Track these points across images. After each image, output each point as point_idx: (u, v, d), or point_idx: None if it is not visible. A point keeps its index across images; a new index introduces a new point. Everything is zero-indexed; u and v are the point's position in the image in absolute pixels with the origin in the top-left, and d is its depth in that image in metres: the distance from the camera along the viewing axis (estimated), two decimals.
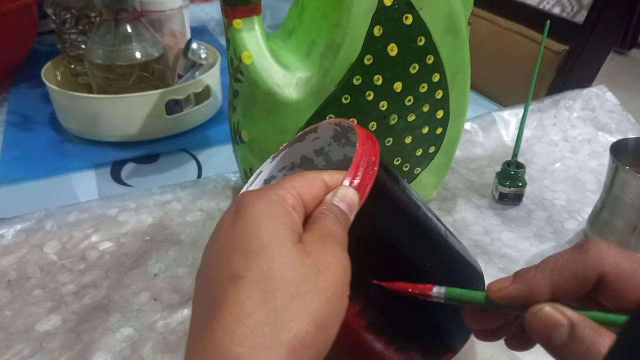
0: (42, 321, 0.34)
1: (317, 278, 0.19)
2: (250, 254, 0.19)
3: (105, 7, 0.52)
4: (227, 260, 0.20)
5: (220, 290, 0.19)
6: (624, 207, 0.39)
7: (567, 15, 1.23)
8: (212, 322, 0.18)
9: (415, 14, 0.34)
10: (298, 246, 0.20)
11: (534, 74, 0.43)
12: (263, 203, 0.21)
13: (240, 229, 0.20)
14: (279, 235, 0.20)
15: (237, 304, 0.18)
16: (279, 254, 0.19)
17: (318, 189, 0.23)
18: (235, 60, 0.34)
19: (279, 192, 0.21)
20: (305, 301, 0.18)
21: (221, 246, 0.21)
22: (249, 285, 0.18)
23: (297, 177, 0.23)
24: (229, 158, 0.45)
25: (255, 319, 0.18)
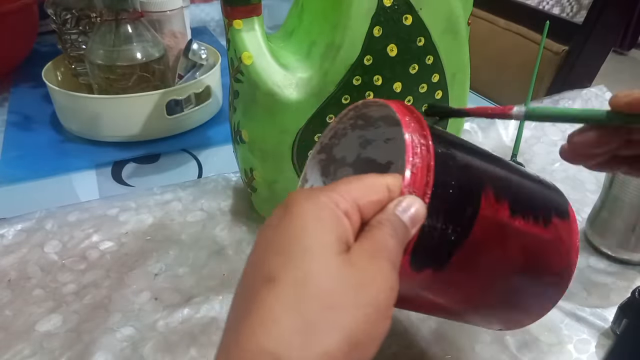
0: (42, 321, 0.34)
1: (358, 293, 0.18)
2: (289, 257, 0.18)
3: (106, 8, 0.52)
4: (265, 259, 0.19)
5: (254, 290, 0.18)
6: (623, 206, 0.39)
7: (567, 16, 1.23)
8: (242, 323, 0.17)
9: (415, 14, 0.34)
10: (343, 256, 0.18)
11: (533, 74, 0.44)
12: (311, 205, 0.19)
13: (284, 229, 0.19)
14: (323, 242, 0.18)
15: (268, 306, 0.17)
16: (320, 261, 0.18)
17: (378, 194, 0.21)
18: (236, 60, 0.34)
19: (331, 195, 0.20)
20: (341, 315, 0.17)
21: (262, 245, 0.20)
22: (282, 288, 0.17)
23: (355, 180, 0.21)
24: (230, 158, 0.45)
25: (283, 325, 0.17)
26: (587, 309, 0.36)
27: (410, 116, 0.23)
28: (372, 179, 0.21)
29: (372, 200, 0.21)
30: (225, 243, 0.41)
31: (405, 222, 0.20)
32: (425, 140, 0.22)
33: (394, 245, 0.20)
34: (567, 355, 0.33)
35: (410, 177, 0.21)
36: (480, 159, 0.25)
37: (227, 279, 0.38)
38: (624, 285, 0.38)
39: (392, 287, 0.19)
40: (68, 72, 0.62)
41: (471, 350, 0.33)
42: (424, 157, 0.22)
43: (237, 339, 0.17)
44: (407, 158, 0.21)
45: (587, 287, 0.38)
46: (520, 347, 0.33)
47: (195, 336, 0.33)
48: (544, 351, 0.33)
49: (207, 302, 0.36)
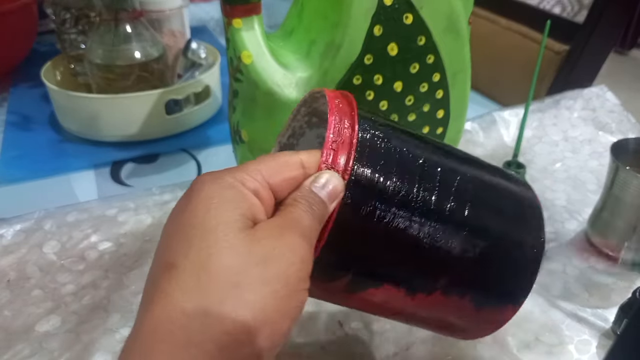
0: (41, 321, 0.34)
1: (264, 268, 0.17)
2: (191, 241, 0.17)
3: (105, 7, 0.51)
4: (166, 247, 0.18)
5: (156, 278, 0.18)
6: (624, 207, 0.39)
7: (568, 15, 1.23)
8: (145, 314, 0.17)
9: (416, 13, 0.34)
10: (247, 232, 0.18)
11: (534, 73, 0.43)
12: (216, 186, 0.19)
13: (187, 213, 0.18)
14: (226, 220, 0.18)
15: (168, 295, 0.17)
16: (222, 240, 0.17)
17: (292, 171, 0.20)
18: (235, 59, 0.34)
19: (237, 175, 0.19)
20: (245, 293, 0.17)
21: (167, 231, 0.19)
22: (182, 274, 0.17)
23: (267, 158, 0.21)
24: (229, 158, 0.45)
25: (185, 312, 0.16)
26: (588, 310, 0.36)
27: (342, 99, 0.23)
28: (285, 156, 0.21)
29: (284, 178, 0.20)
30: None
31: (321, 198, 0.20)
32: (352, 120, 0.22)
33: (309, 220, 0.19)
34: (568, 356, 0.33)
35: (328, 154, 0.21)
36: (423, 149, 0.23)
37: None
38: (625, 285, 0.38)
39: (302, 259, 0.18)
40: (67, 72, 0.62)
41: (472, 350, 0.33)
42: (345, 135, 0.21)
43: (141, 329, 0.17)
44: (327, 135, 0.21)
45: (588, 288, 0.38)
46: (521, 348, 0.33)
47: None
48: (545, 352, 0.33)
49: None
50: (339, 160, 0.21)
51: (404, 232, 0.21)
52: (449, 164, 0.24)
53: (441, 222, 0.22)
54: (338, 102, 0.22)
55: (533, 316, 0.35)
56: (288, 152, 0.21)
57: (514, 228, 0.25)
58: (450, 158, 0.24)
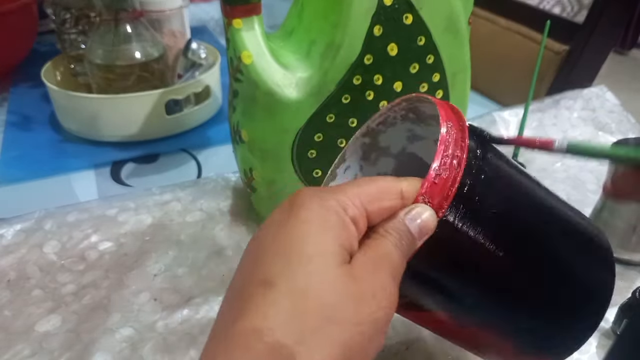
0: (41, 321, 0.34)
1: (358, 308, 0.17)
2: (290, 262, 0.17)
3: (105, 7, 0.52)
4: (264, 261, 0.18)
5: (249, 292, 0.17)
6: (623, 207, 0.39)
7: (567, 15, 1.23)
8: (233, 327, 0.17)
9: (416, 13, 0.34)
10: (344, 268, 0.18)
11: (534, 74, 0.43)
12: (318, 208, 0.18)
13: (286, 231, 0.18)
14: (326, 250, 0.18)
15: (262, 313, 0.17)
16: (321, 272, 0.17)
17: (390, 201, 0.20)
18: (235, 60, 0.34)
19: (340, 199, 0.19)
20: (337, 330, 0.17)
21: (263, 244, 0.19)
22: (279, 296, 0.17)
23: (367, 182, 0.20)
24: (229, 158, 0.45)
25: (277, 335, 0.16)
26: None
27: (454, 120, 0.21)
28: (386, 183, 0.20)
29: (382, 207, 0.20)
30: (224, 243, 0.41)
31: (412, 231, 0.19)
32: (461, 152, 0.21)
33: (398, 256, 0.19)
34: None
35: (429, 186, 0.20)
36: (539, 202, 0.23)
37: (226, 280, 0.38)
38: (625, 285, 0.38)
39: (391, 304, 0.18)
40: (67, 72, 0.62)
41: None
42: (452, 169, 0.20)
43: (225, 345, 0.17)
44: (432, 165, 0.20)
45: None
46: None
47: (195, 337, 0.33)
48: None
49: (206, 303, 0.36)
50: (436, 196, 0.20)
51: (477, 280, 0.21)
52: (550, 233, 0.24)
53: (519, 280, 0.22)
54: (450, 126, 0.21)
55: None
56: (389, 178, 0.21)
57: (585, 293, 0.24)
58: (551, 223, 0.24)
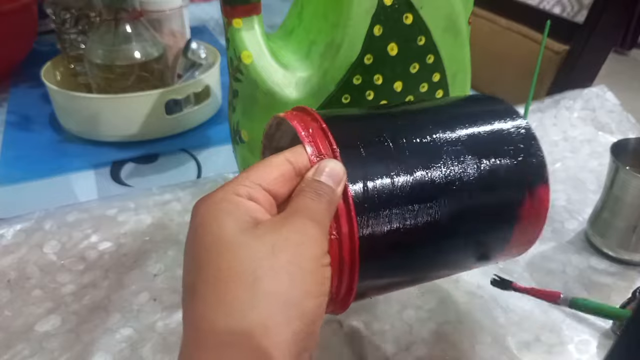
0: (41, 321, 0.34)
1: (274, 258, 0.18)
2: (199, 261, 0.19)
3: (105, 7, 0.52)
4: (185, 272, 0.19)
5: (185, 304, 0.19)
6: (624, 207, 0.39)
7: (568, 15, 1.23)
8: (184, 342, 0.18)
9: (416, 13, 0.34)
10: (247, 233, 0.19)
11: (534, 73, 0.43)
12: (209, 203, 0.20)
13: (191, 238, 0.20)
14: (224, 231, 0.19)
15: (197, 315, 0.18)
16: (225, 250, 0.18)
17: (280, 168, 0.21)
18: (235, 59, 0.34)
19: (228, 187, 0.20)
20: (263, 285, 0.17)
21: (183, 261, 0.20)
22: (203, 293, 0.18)
23: (254, 165, 0.21)
24: (229, 158, 0.45)
25: (214, 322, 0.17)
26: None
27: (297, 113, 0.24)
28: (270, 158, 0.22)
29: (275, 177, 0.21)
30: None
31: (325, 182, 0.20)
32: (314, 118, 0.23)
33: (317, 205, 0.20)
34: (568, 356, 0.33)
35: (310, 144, 0.22)
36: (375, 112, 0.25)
37: None
38: (625, 285, 0.38)
39: (313, 238, 0.19)
40: (67, 72, 0.62)
41: (471, 350, 0.33)
42: (314, 128, 0.22)
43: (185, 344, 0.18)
44: (300, 133, 0.22)
45: (588, 288, 0.38)
46: (520, 348, 0.33)
47: None
48: (544, 351, 0.33)
49: None
50: (321, 149, 0.22)
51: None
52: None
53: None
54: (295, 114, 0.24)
55: (533, 316, 0.36)
56: (272, 155, 0.22)
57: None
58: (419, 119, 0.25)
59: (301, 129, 0.22)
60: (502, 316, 0.35)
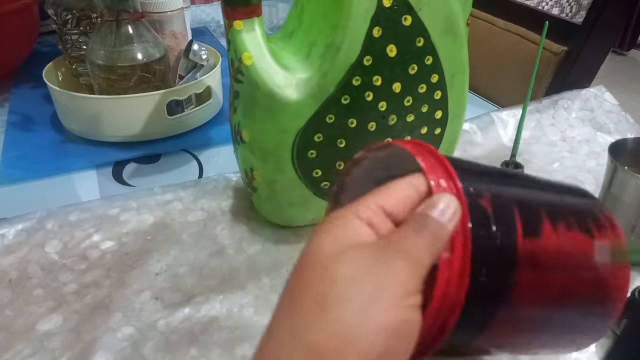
0: (43, 320, 0.34)
1: (348, 287, 0.17)
2: (291, 272, 0.19)
3: (107, 8, 0.52)
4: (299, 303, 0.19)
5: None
6: (622, 207, 0.39)
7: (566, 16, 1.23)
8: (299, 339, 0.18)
9: (414, 15, 0.34)
10: (333, 257, 0.18)
11: (532, 74, 0.44)
12: (327, 219, 0.20)
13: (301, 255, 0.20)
14: (317, 249, 0.19)
15: (272, 320, 0.18)
16: (307, 269, 0.18)
17: (404, 191, 0.20)
18: (236, 61, 0.34)
19: (352, 207, 0.20)
20: (328, 312, 0.17)
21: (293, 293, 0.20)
22: (281, 302, 0.19)
23: (381, 187, 0.21)
24: (230, 158, 0.45)
25: (277, 333, 0.18)
26: None
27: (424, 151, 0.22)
28: (395, 181, 0.21)
29: (398, 199, 0.20)
30: (225, 243, 0.41)
31: (433, 216, 0.19)
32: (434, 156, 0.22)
33: (415, 239, 0.18)
34: (567, 356, 0.33)
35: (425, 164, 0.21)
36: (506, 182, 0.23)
37: (227, 279, 0.38)
38: None
39: (400, 276, 0.18)
40: (69, 73, 0.62)
41: None
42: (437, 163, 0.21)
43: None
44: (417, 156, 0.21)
45: None
46: None
47: (196, 336, 0.34)
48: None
49: (207, 302, 0.36)
50: (441, 176, 0.20)
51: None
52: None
53: None
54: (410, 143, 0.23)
55: None
56: (395, 180, 0.21)
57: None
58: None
59: (429, 169, 0.21)
60: None
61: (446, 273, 0.19)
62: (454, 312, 0.19)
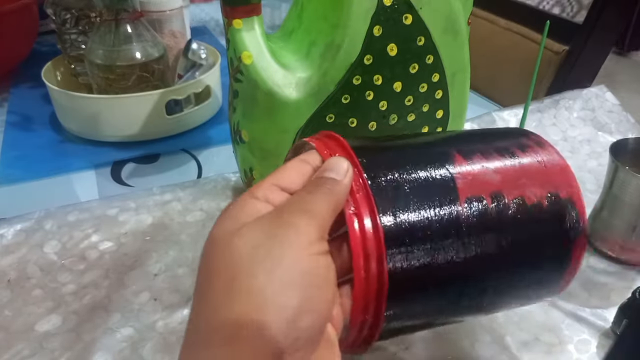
0: (42, 321, 0.34)
1: (252, 256, 0.18)
2: (200, 261, 0.20)
3: (106, 8, 0.52)
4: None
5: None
6: (623, 207, 0.39)
7: (567, 16, 1.23)
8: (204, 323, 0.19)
9: (415, 14, 0.34)
10: (234, 232, 0.19)
11: (533, 74, 0.43)
12: (227, 207, 0.21)
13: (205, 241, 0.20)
14: (218, 232, 0.19)
15: (191, 311, 0.19)
16: (212, 250, 0.19)
17: (298, 168, 0.21)
18: (235, 60, 0.34)
19: (249, 191, 0.21)
20: (238, 283, 0.18)
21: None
22: (195, 291, 0.19)
23: (276, 169, 0.22)
24: (229, 158, 0.45)
25: (196, 318, 0.18)
26: (588, 309, 0.36)
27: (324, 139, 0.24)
28: (290, 161, 0.22)
29: (292, 175, 0.21)
30: None
31: (329, 177, 0.20)
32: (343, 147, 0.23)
33: (311, 196, 0.19)
34: (568, 355, 0.33)
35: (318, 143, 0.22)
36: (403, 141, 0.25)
37: None
38: (625, 285, 0.38)
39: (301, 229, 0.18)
40: (68, 72, 0.62)
41: (471, 350, 0.33)
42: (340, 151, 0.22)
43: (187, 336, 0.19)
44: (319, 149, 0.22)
45: (588, 288, 0.38)
46: (520, 347, 0.33)
47: None
48: (544, 351, 0.33)
49: None
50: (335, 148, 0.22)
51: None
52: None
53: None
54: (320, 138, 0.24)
55: (532, 316, 0.36)
56: (295, 158, 0.22)
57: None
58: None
59: (323, 148, 0.22)
60: (502, 315, 0.35)
61: (354, 221, 0.19)
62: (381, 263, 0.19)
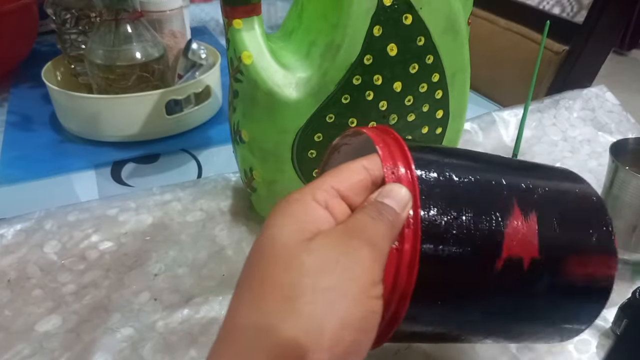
0: (42, 321, 0.34)
1: (317, 279, 0.17)
2: (251, 262, 0.19)
3: (106, 8, 0.52)
4: (243, 267, 0.19)
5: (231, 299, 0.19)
6: (623, 207, 0.39)
7: (567, 16, 1.23)
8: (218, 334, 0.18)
9: (415, 14, 0.34)
10: (301, 245, 0.18)
11: (533, 74, 0.43)
12: (283, 203, 0.20)
13: (259, 236, 0.20)
14: (282, 237, 0.18)
15: (230, 311, 0.18)
16: (274, 258, 0.18)
17: (358, 175, 0.20)
18: (235, 60, 0.34)
19: (307, 190, 0.20)
20: (297, 306, 0.17)
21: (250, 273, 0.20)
22: (241, 292, 0.18)
23: (333, 170, 0.21)
24: (229, 158, 0.45)
25: (240, 325, 0.17)
26: None
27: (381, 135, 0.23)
28: (348, 164, 0.21)
29: (352, 182, 0.20)
30: (224, 243, 0.41)
31: (389, 204, 0.19)
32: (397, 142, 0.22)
33: (376, 226, 0.19)
34: (568, 356, 0.33)
35: (387, 157, 0.21)
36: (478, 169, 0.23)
37: (226, 279, 0.38)
38: (625, 285, 0.38)
39: (366, 267, 0.18)
40: (68, 72, 0.62)
41: (471, 350, 0.33)
42: (394, 146, 0.22)
43: (217, 339, 0.18)
44: (377, 143, 0.22)
45: None
46: (520, 348, 0.33)
47: (195, 337, 0.33)
48: (544, 351, 0.33)
49: (206, 303, 0.36)
50: (398, 164, 0.21)
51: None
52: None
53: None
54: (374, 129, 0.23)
55: None
56: (352, 161, 0.21)
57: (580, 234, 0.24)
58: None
59: (388, 157, 0.21)
60: None
61: (395, 262, 0.19)
62: (404, 300, 0.19)
